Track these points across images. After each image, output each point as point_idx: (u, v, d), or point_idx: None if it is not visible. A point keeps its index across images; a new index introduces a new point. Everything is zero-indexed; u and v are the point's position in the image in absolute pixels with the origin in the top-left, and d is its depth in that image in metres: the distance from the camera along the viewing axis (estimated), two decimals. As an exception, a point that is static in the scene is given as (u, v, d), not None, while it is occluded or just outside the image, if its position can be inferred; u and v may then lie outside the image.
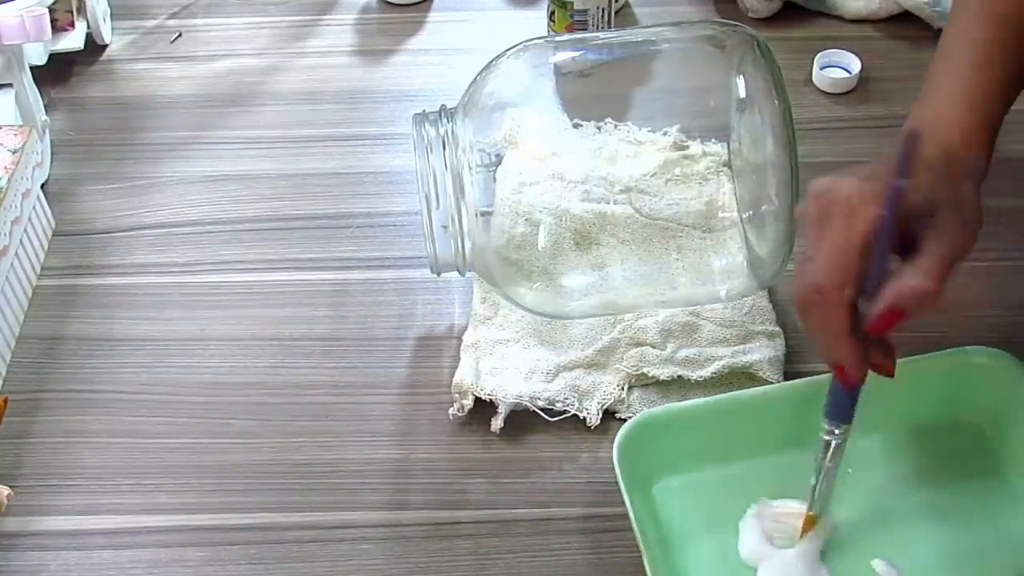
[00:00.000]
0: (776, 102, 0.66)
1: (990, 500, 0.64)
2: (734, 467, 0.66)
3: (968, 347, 0.67)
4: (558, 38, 0.79)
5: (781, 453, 0.65)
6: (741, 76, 0.69)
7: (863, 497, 0.64)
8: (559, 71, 0.74)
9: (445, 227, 0.70)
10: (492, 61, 0.72)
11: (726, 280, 0.71)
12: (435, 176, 0.69)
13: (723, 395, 0.68)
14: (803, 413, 0.64)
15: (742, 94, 0.69)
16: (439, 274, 0.74)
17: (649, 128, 0.75)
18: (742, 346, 0.72)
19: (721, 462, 0.66)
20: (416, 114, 0.72)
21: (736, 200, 0.73)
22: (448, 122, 0.70)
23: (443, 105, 0.72)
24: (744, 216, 0.72)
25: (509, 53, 0.72)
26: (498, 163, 0.73)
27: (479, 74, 0.72)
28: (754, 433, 0.66)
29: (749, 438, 0.66)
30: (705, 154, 0.75)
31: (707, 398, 0.68)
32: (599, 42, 0.77)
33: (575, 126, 0.75)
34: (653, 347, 0.72)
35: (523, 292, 0.71)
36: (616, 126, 0.76)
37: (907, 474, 0.66)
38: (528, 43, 0.73)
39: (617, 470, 0.62)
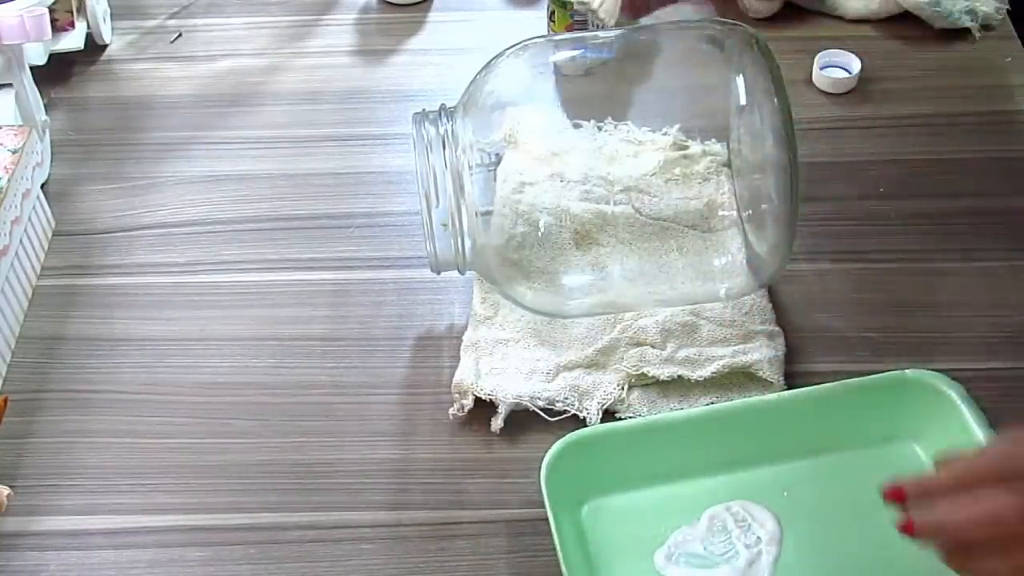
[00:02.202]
0: (776, 101, 0.66)
1: None
2: (666, 489, 0.65)
3: (906, 370, 0.66)
4: (558, 37, 0.79)
5: (714, 475, 0.66)
6: (741, 75, 0.69)
7: (797, 518, 0.64)
8: (559, 70, 0.74)
9: (445, 225, 0.70)
10: (492, 60, 0.72)
11: (726, 279, 0.71)
12: (435, 175, 0.69)
13: (653, 417, 0.68)
14: (736, 436, 0.65)
15: (742, 94, 0.69)
16: (439, 273, 0.74)
17: (649, 128, 0.75)
18: (742, 346, 0.72)
19: (653, 484, 0.65)
20: (416, 113, 0.72)
21: (736, 199, 0.73)
22: (448, 121, 0.70)
23: (443, 104, 0.72)
24: (744, 215, 0.72)
25: (509, 52, 0.72)
26: (498, 163, 0.73)
27: (479, 73, 0.72)
28: (688, 455, 0.65)
29: (683, 460, 0.65)
30: (705, 154, 0.75)
31: (636, 420, 0.68)
32: (599, 41, 0.77)
33: (575, 126, 0.75)
34: (653, 347, 0.72)
35: (523, 291, 0.71)
36: (616, 126, 0.76)
37: (841, 495, 0.65)
38: (528, 42, 0.73)
39: (544, 491, 0.61)
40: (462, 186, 0.69)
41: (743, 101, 0.69)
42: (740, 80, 0.69)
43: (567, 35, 0.88)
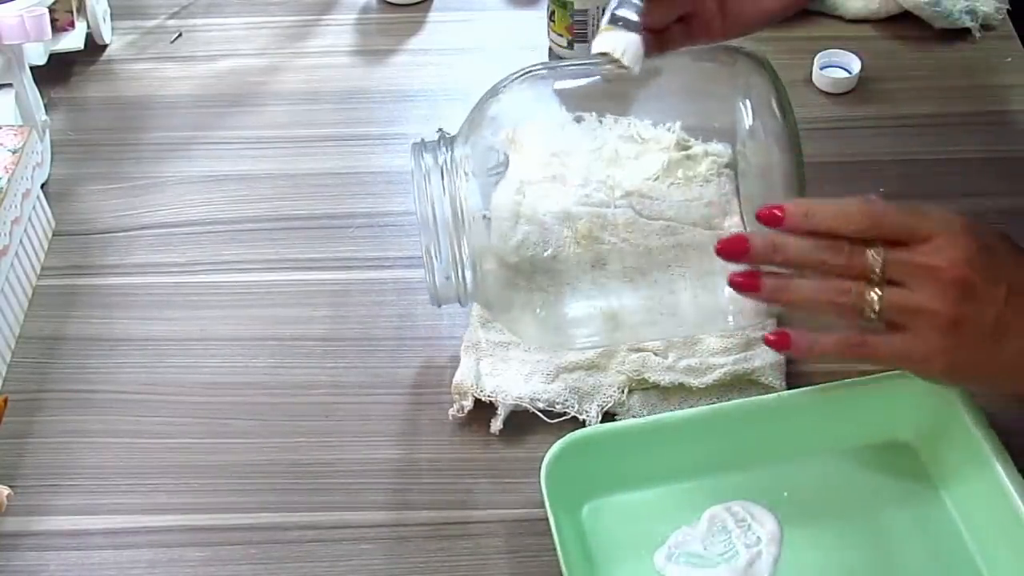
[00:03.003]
0: (781, 121, 0.65)
1: (923, 519, 0.64)
2: (666, 489, 0.65)
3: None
4: (561, 65, 0.78)
5: (714, 475, 0.66)
6: (747, 99, 0.68)
7: (797, 518, 0.64)
8: (563, 95, 0.73)
9: (448, 278, 0.68)
10: (494, 87, 0.71)
11: (734, 304, 0.70)
12: (433, 207, 0.67)
13: (653, 417, 0.67)
14: (736, 436, 0.65)
15: (748, 118, 0.68)
16: (439, 306, 0.72)
17: (651, 121, 0.74)
18: (743, 353, 0.72)
19: (653, 484, 0.65)
20: (414, 143, 0.69)
21: (739, 202, 0.73)
22: (447, 151, 0.69)
23: (441, 130, 0.71)
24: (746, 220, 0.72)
25: (512, 80, 0.71)
26: (504, 168, 0.73)
27: (481, 100, 0.71)
28: (688, 455, 0.65)
29: (683, 460, 0.65)
30: (707, 154, 0.74)
31: (636, 420, 0.68)
32: (604, 69, 0.75)
33: (576, 119, 0.74)
34: (655, 354, 0.72)
35: (524, 314, 0.70)
36: (617, 120, 0.75)
37: (841, 495, 0.65)
38: (531, 70, 0.72)
39: (544, 491, 0.61)
40: (462, 215, 0.67)
41: (749, 125, 0.68)
42: (747, 104, 0.68)
43: (570, 62, 0.86)
